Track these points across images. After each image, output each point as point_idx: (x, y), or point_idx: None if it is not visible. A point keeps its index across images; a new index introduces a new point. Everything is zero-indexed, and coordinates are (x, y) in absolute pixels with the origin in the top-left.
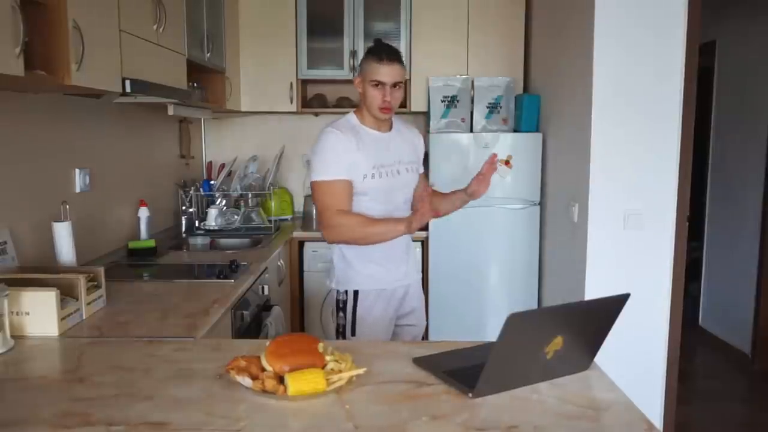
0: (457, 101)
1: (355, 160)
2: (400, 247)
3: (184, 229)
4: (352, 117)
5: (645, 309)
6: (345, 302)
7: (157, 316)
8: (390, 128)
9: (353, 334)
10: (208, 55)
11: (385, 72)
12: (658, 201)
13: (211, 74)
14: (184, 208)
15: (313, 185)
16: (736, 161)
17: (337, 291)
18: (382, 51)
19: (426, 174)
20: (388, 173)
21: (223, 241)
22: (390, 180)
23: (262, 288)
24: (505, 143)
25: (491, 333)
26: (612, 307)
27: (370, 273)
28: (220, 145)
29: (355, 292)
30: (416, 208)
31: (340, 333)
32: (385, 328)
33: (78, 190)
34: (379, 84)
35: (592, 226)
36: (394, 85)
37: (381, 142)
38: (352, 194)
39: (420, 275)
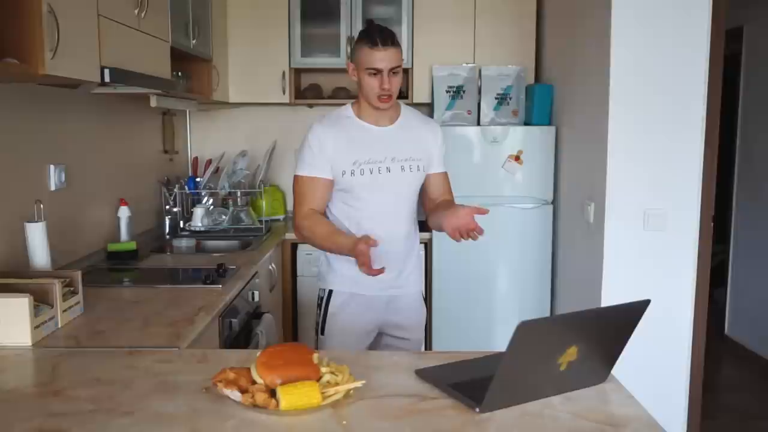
0: (463, 92)
1: (335, 156)
2: (393, 253)
3: (167, 231)
4: (347, 109)
5: (667, 316)
6: (322, 299)
7: (139, 324)
8: (393, 122)
9: (322, 332)
10: (194, 42)
11: (381, 58)
12: (680, 199)
13: (196, 63)
14: (167, 207)
15: (293, 179)
16: (766, 156)
17: (319, 288)
18: (375, 35)
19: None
20: (373, 170)
21: (210, 243)
22: (375, 177)
23: (252, 294)
24: (515, 137)
25: (500, 343)
26: (631, 314)
27: (346, 274)
28: (207, 139)
29: (329, 291)
30: (363, 241)
31: (316, 331)
32: (357, 335)
33: (53, 188)
34: (375, 72)
35: (609, 227)
36: (392, 71)
37: (373, 136)
38: (326, 193)
39: (418, 288)
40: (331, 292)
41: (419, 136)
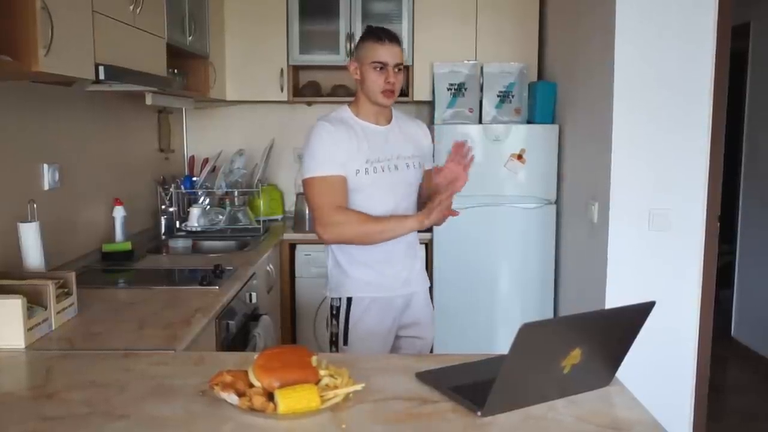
0: (465, 89)
1: (347, 154)
2: (401, 251)
3: (163, 231)
4: (345, 110)
5: (672, 318)
6: (338, 309)
7: (134, 326)
8: (389, 121)
9: (345, 343)
10: (190, 38)
11: (387, 52)
12: (686, 199)
13: (193, 60)
14: (163, 207)
15: (306, 183)
16: None
17: (332, 298)
18: (382, 32)
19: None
20: (384, 168)
21: (207, 243)
22: (386, 176)
23: (250, 295)
24: (518, 136)
25: (502, 345)
26: (635, 316)
27: (365, 278)
28: (204, 137)
29: (348, 299)
30: (433, 200)
31: (333, 342)
32: (381, 339)
33: (46, 187)
34: (381, 66)
35: (613, 227)
36: (397, 67)
37: (377, 135)
38: (347, 190)
39: (427, 285)
40: (350, 300)
41: (413, 134)
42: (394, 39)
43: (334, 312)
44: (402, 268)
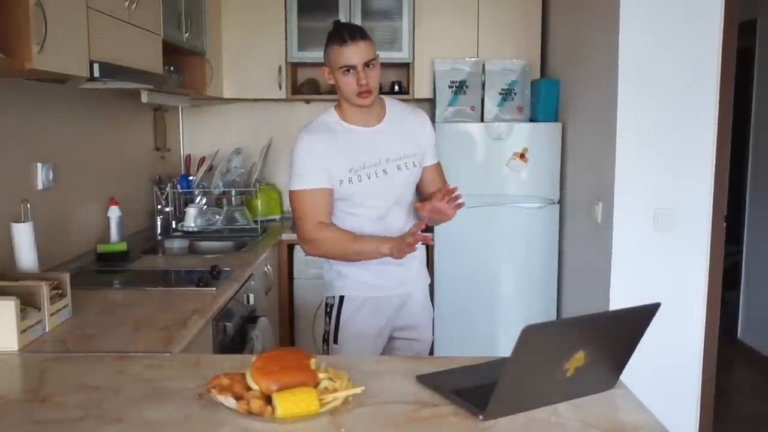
0: (466, 87)
1: (330, 165)
2: None
3: (159, 231)
4: (330, 114)
5: (677, 320)
6: (332, 307)
7: (129, 328)
8: (380, 119)
9: (335, 341)
10: (187, 35)
11: (352, 53)
12: (691, 199)
13: (189, 57)
14: (159, 207)
15: (289, 195)
16: None
17: (327, 297)
18: (343, 31)
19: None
20: (371, 175)
21: (204, 244)
22: (374, 182)
23: (247, 297)
24: (520, 134)
25: (504, 347)
26: (640, 317)
27: (357, 278)
28: (200, 136)
29: (341, 297)
30: (406, 233)
31: (325, 340)
32: (372, 339)
33: (40, 186)
34: (349, 69)
35: (617, 227)
36: (367, 64)
37: (363, 138)
38: (330, 202)
39: (426, 283)
40: (342, 298)
41: (410, 130)
42: (357, 35)
43: (328, 310)
44: (398, 267)
